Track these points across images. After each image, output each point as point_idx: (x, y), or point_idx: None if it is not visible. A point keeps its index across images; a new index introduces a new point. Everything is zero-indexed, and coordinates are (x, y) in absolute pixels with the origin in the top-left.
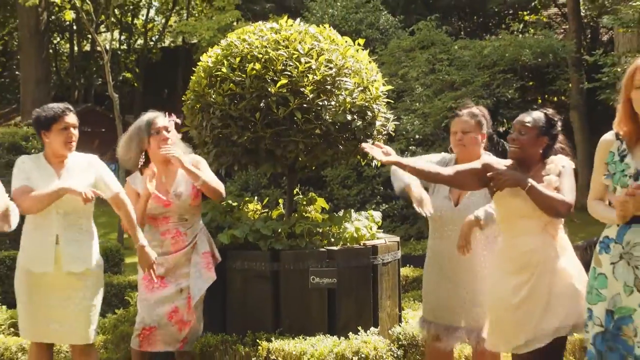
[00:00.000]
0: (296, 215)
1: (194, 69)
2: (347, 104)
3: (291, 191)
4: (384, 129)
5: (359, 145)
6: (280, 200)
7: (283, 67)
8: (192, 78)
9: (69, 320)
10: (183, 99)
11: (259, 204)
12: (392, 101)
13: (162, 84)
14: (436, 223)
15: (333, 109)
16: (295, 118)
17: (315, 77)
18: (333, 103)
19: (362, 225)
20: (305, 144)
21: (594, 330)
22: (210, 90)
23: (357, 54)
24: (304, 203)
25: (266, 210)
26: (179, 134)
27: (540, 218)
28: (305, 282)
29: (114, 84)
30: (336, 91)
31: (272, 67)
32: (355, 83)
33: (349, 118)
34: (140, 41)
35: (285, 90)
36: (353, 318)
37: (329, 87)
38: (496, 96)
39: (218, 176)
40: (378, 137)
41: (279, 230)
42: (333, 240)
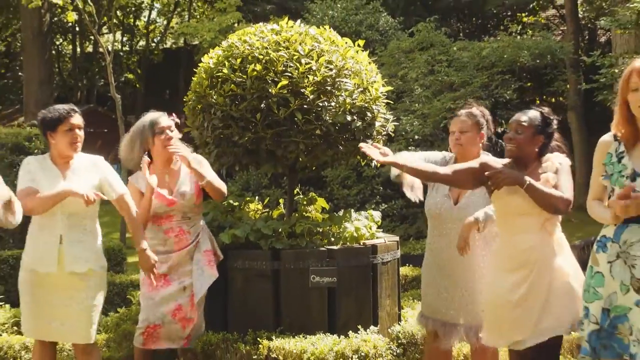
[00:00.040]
0: (297, 215)
1: (195, 70)
2: (347, 105)
3: (292, 191)
4: (384, 129)
5: (359, 146)
6: (281, 200)
7: (283, 68)
8: (194, 79)
9: (70, 319)
10: (184, 99)
11: (259, 204)
12: (392, 102)
13: (164, 85)
14: (435, 221)
15: (333, 110)
16: (295, 119)
17: (315, 78)
18: (333, 104)
19: (362, 225)
20: (305, 145)
21: (590, 327)
22: (211, 91)
23: (357, 55)
24: (305, 203)
25: (267, 210)
26: (179, 133)
27: (539, 215)
28: (305, 281)
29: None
30: (336, 92)
31: (273, 68)
32: (355, 84)
33: (349, 119)
34: (142, 42)
35: (285, 91)
36: (353, 317)
37: (329, 88)
38: (494, 97)
39: (219, 176)
40: (378, 138)
41: (280, 229)
42: (333, 239)
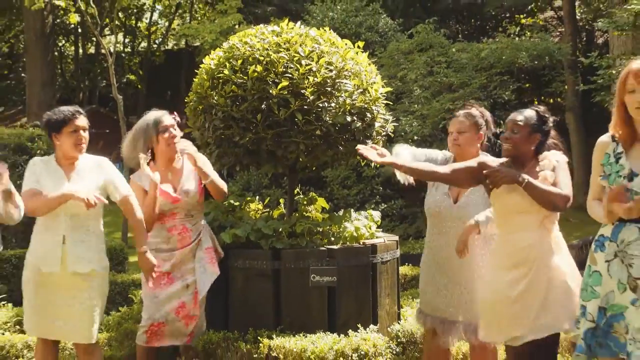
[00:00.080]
0: (297, 214)
1: (196, 71)
2: (347, 106)
3: (292, 191)
4: (383, 130)
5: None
6: (281, 200)
7: (284, 70)
8: (195, 80)
9: (72, 319)
10: (186, 100)
11: (260, 204)
12: (391, 103)
13: (165, 86)
14: (435, 219)
15: (333, 111)
16: (296, 119)
17: (315, 79)
18: (333, 105)
19: (362, 225)
20: (305, 145)
21: (586, 325)
22: (212, 92)
23: (357, 57)
24: (305, 203)
25: (267, 209)
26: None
27: (538, 213)
28: (305, 281)
29: (118, 86)
30: (336, 93)
31: (274, 70)
32: (355, 85)
33: (349, 119)
34: (143, 44)
35: (286, 92)
36: (353, 316)
37: (329, 89)
38: (493, 98)
39: (220, 176)
40: (377, 139)
41: (280, 229)
42: (333, 239)
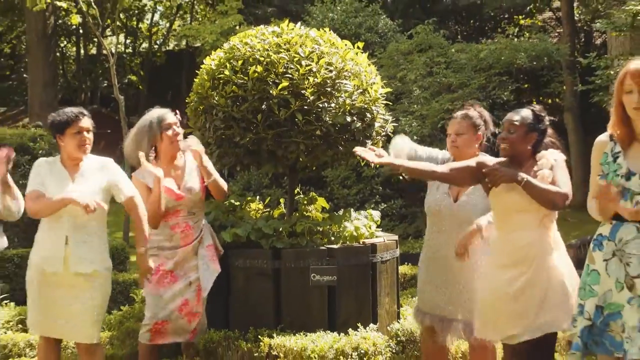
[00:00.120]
0: (297, 214)
1: (197, 71)
2: (347, 106)
3: (292, 191)
4: (383, 130)
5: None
6: (282, 200)
7: (284, 70)
8: (196, 80)
9: (75, 319)
10: (187, 101)
11: (260, 204)
12: (391, 103)
13: (167, 87)
14: (435, 217)
15: (333, 111)
16: (296, 119)
17: (315, 80)
18: (333, 105)
19: (362, 224)
20: (305, 145)
21: (583, 323)
22: (213, 93)
23: (357, 57)
24: (305, 202)
25: (268, 209)
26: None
27: (537, 212)
28: (306, 280)
29: (120, 86)
30: (336, 93)
31: (274, 70)
32: (355, 85)
33: (349, 119)
34: (145, 45)
35: (286, 93)
36: (353, 315)
37: (329, 90)
38: (492, 98)
39: (221, 176)
40: (377, 139)
41: (280, 229)
42: (333, 238)
